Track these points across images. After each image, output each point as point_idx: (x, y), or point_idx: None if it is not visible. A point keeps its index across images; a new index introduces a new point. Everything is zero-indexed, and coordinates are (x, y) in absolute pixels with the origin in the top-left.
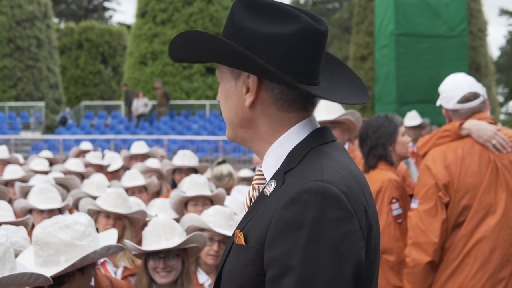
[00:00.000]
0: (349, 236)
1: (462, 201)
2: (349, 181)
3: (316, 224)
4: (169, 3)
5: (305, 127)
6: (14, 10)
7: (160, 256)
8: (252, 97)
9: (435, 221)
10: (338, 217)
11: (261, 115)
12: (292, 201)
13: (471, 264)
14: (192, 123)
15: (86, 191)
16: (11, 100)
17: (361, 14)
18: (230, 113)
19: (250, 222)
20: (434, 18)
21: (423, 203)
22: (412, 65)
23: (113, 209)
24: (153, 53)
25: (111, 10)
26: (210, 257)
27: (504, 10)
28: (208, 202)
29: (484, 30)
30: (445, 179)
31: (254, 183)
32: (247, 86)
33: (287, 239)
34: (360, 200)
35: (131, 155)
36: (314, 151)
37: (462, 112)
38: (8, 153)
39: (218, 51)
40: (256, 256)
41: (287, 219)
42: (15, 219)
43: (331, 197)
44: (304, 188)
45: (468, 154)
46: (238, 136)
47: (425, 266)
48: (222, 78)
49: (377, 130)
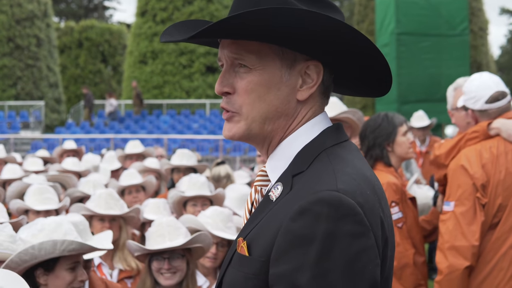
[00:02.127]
0: (365, 252)
1: (497, 201)
2: (365, 190)
3: (328, 238)
4: (169, 2)
5: (319, 124)
6: (14, 9)
7: (165, 257)
8: (313, 89)
9: (474, 223)
10: (352, 232)
11: (304, 109)
12: (302, 212)
13: (505, 269)
14: (192, 122)
15: (82, 190)
16: (11, 99)
17: (361, 13)
18: (268, 106)
19: (254, 230)
20: (435, 17)
21: (460, 204)
22: (413, 64)
23: (107, 212)
24: (153, 52)
25: (111, 9)
26: (208, 259)
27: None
28: (208, 202)
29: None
30: (483, 179)
31: (256, 184)
32: (303, 77)
33: (296, 255)
34: (376, 211)
35: (126, 154)
36: (326, 153)
37: (491, 112)
38: (5, 153)
39: (317, 26)
40: (260, 270)
41: (296, 232)
42: (8, 220)
43: (346, 209)
44: (316, 198)
45: (502, 153)
46: (251, 133)
47: (463, 272)
48: (263, 64)
49: (375, 129)
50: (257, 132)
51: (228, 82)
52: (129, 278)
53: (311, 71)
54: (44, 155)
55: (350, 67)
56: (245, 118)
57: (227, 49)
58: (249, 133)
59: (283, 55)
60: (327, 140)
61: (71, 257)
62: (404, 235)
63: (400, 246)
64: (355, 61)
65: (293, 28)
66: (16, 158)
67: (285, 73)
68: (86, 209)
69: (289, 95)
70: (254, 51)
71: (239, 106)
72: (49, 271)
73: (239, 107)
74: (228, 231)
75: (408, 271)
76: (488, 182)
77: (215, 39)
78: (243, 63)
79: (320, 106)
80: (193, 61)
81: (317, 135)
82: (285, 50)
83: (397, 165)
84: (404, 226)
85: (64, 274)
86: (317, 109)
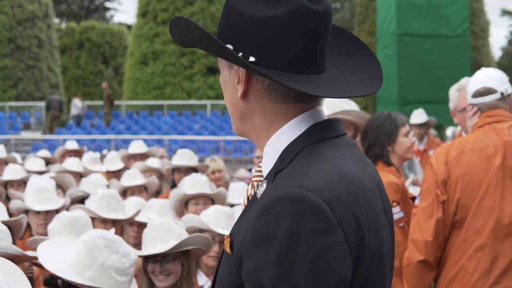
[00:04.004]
0: (330, 250)
1: (455, 198)
2: (335, 186)
3: (290, 237)
4: (170, 2)
5: (303, 121)
6: (14, 10)
7: (157, 260)
8: (243, 87)
9: (431, 219)
10: (316, 229)
11: (255, 107)
12: (265, 210)
13: (471, 273)
14: (193, 123)
15: (84, 189)
16: (12, 100)
17: (362, 14)
18: (228, 104)
19: (237, 227)
20: (436, 18)
21: (423, 200)
22: (414, 65)
23: (109, 215)
24: (154, 53)
25: (112, 10)
26: (211, 258)
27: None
28: (209, 201)
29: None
30: (444, 175)
31: (253, 179)
32: (238, 76)
33: (259, 253)
34: (349, 208)
35: (129, 154)
36: (306, 150)
37: (480, 106)
38: (6, 153)
39: (201, 40)
40: (237, 267)
41: (260, 230)
42: (8, 219)
43: (309, 206)
44: (279, 195)
45: (469, 150)
46: (240, 130)
47: (417, 265)
48: (220, 66)
49: (377, 128)
50: (243, 129)
51: None
52: None
53: (240, 70)
54: (45, 155)
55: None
56: (230, 116)
57: None
58: (238, 128)
59: None
60: (311, 136)
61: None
62: (406, 235)
63: (402, 245)
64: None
65: (199, 41)
66: (17, 159)
67: (227, 74)
68: (88, 211)
69: (233, 93)
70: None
71: None
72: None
73: None
74: (230, 229)
75: None
76: (448, 178)
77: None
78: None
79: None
80: (194, 62)
81: (301, 132)
82: None
83: (398, 165)
84: (406, 225)
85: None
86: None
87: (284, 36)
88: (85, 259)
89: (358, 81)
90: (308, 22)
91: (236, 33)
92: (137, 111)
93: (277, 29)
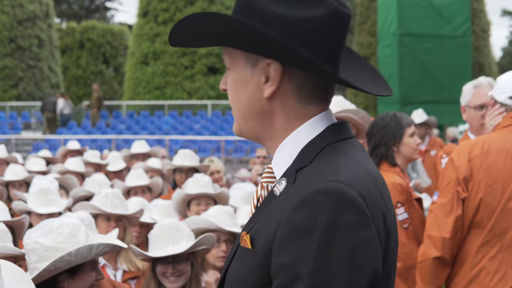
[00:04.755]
0: (366, 244)
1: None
2: (367, 183)
3: (329, 229)
4: (171, 2)
5: (322, 121)
6: (15, 10)
7: (169, 261)
8: (274, 87)
9: (450, 215)
10: (353, 223)
11: (278, 107)
12: (303, 202)
13: (493, 273)
14: (194, 123)
15: (88, 189)
16: (12, 100)
17: (363, 14)
18: (242, 104)
19: (258, 223)
20: (437, 18)
21: (442, 196)
22: (415, 65)
23: (114, 211)
24: (155, 53)
25: (112, 10)
26: (220, 259)
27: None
28: (212, 201)
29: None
30: (466, 173)
31: (263, 181)
32: (266, 75)
33: (297, 245)
34: (378, 205)
35: (131, 154)
36: (329, 148)
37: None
38: (7, 153)
39: (236, 33)
40: (262, 262)
41: (297, 222)
42: (10, 219)
43: (347, 200)
44: (317, 188)
45: (494, 150)
46: (247, 131)
47: (433, 261)
48: (233, 64)
49: (382, 128)
50: (245, 129)
51: (224, 81)
52: (132, 279)
53: (272, 69)
54: (46, 155)
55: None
56: (235, 115)
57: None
58: (242, 129)
59: (247, 55)
60: (330, 136)
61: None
62: (410, 236)
63: (406, 247)
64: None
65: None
66: (18, 159)
67: (248, 72)
68: (93, 207)
69: (255, 93)
70: (227, 52)
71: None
72: (74, 274)
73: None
74: (235, 227)
75: (414, 272)
76: (471, 176)
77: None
78: (225, 64)
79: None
80: (195, 62)
81: (321, 131)
82: None
83: (404, 165)
84: (410, 227)
85: (88, 275)
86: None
87: (320, 37)
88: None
89: (369, 83)
90: (340, 24)
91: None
92: (138, 111)
93: (313, 30)
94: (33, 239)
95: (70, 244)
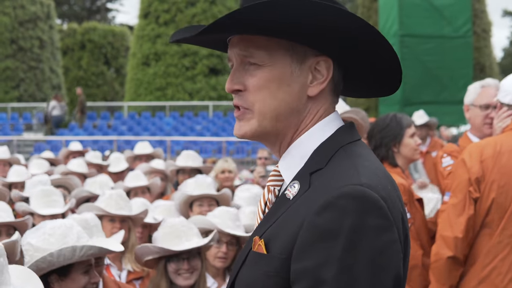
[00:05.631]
0: (389, 246)
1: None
2: (386, 185)
3: (354, 232)
4: (172, 3)
5: (333, 121)
6: (16, 11)
7: (184, 257)
8: (323, 85)
9: (462, 215)
10: (378, 226)
11: (314, 106)
12: (327, 206)
13: (504, 273)
14: (195, 124)
15: (89, 190)
16: (14, 101)
17: (365, 14)
18: (278, 103)
19: (272, 228)
20: (438, 18)
21: (453, 196)
22: (416, 66)
23: (118, 212)
24: (156, 54)
25: (114, 11)
26: (219, 259)
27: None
28: (214, 202)
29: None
30: (478, 174)
31: (269, 184)
32: (313, 73)
33: (321, 249)
34: (397, 206)
35: (135, 155)
36: (343, 150)
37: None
38: (9, 154)
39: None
40: (280, 267)
41: (321, 226)
42: (14, 220)
43: (371, 203)
44: (341, 192)
45: (506, 152)
46: (263, 131)
47: (447, 261)
48: (273, 60)
49: (383, 129)
50: (269, 130)
51: (238, 80)
52: (137, 280)
53: (321, 67)
54: (49, 157)
55: (359, 62)
56: (257, 115)
57: (236, 47)
58: (261, 130)
59: (293, 50)
60: (343, 137)
61: (85, 261)
62: (412, 236)
63: None
64: (365, 56)
65: (303, 21)
66: (20, 160)
67: (295, 69)
68: (97, 209)
69: (299, 91)
70: (263, 47)
71: (251, 103)
72: (64, 276)
73: (251, 104)
74: (238, 229)
75: (417, 272)
76: (483, 177)
77: (223, 39)
78: (252, 60)
79: (331, 104)
80: (196, 63)
81: (333, 133)
82: (295, 44)
83: (404, 166)
84: (412, 227)
85: (79, 278)
86: (329, 106)
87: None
88: None
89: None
90: None
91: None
92: (139, 112)
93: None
94: (26, 240)
95: (58, 245)
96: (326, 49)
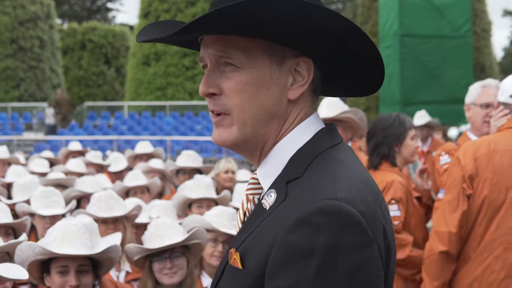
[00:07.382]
0: (368, 264)
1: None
2: (365, 196)
3: (330, 250)
4: (172, 3)
5: (310, 126)
6: (17, 11)
7: (165, 256)
8: (304, 88)
9: (456, 211)
10: (355, 242)
11: (295, 110)
12: (300, 223)
13: (498, 271)
14: (196, 124)
15: (80, 189)
16: (14, 101)
17: (365, 14)
18: (258, 107)
19: (247, 241)
20: (438, 18)
21: (448, 193)
22: (416, 66)
23: (109, 214)
24: (156, 54)
25: (114, 11)
26: (215, 258)
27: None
28: (213, 204)
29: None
30: (471, 171)
31: (248, 193)
32: (293, 75)
33: (293, 269)
34: (378, 218)
35: (135, 154)
36: (322, 157)
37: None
38: (9, 153)
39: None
40: (254, 284)
41: (294, 244)
42: (12, 220)
43: (347, 218)
44: (315, 208)
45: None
46: (244, 139)
47: (439, 256)
48: (251, 62)
49: (386, 128)
50: (250, 137)
51: (214, 83)
52: (135, 280)
53: (301, 68)
54: (49, 156)
55: (340, 62)
56: (237, 122)
57: (211, 47)
58: (242, 138)
59: (271, 51)
60: (322, 142)
61: (59, 261)
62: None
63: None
64: (347, 55)
65: (284, 20)
66: (20, 159)
67: (274, 71)
68: (88, 215)
69: (279, 94)
70: (241, 48)
71: (229, 108)
72: (48, 273)
73: (230, 109)
74: (234, 229)
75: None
76: (476, 174)
77: (195, 38)
78: (229, 61)
79: (311, 106)
80: (196, 63)
81: (311, 137)
82: (273, 45)
83: (402, 166)
84: (400, 224)
85: (55, 277)
86: (308, 109)
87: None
88: None
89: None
90: None
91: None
92: (139, 112)
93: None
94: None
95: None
96: (307, 49)
